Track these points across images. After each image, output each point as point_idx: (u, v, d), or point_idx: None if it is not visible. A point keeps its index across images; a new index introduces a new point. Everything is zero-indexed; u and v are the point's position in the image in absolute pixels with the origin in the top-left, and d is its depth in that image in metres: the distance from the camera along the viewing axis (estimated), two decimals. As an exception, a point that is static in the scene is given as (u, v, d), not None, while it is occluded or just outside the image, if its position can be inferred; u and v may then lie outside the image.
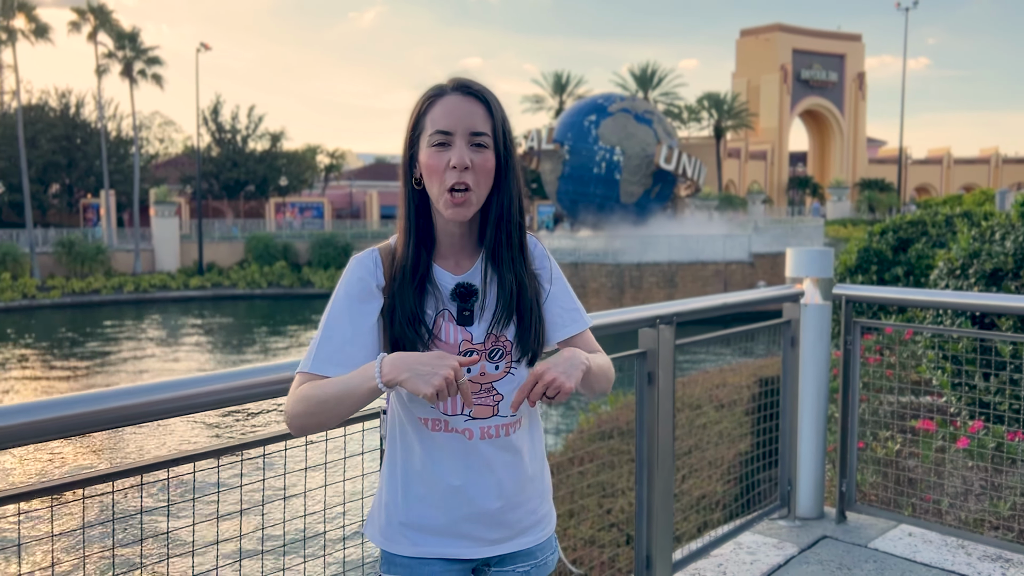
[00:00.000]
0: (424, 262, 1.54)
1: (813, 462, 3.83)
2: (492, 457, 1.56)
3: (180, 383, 1.76)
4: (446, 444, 1.55)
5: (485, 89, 1.55)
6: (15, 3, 39.46)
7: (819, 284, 3.76)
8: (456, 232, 1.56)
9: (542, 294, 1.61)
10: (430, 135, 1.50)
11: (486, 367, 1.55)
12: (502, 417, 1.56)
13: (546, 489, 1.68)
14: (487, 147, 1.52)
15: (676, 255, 28.78)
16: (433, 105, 1.52)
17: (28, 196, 38.96)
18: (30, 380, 20.15)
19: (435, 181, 1.50)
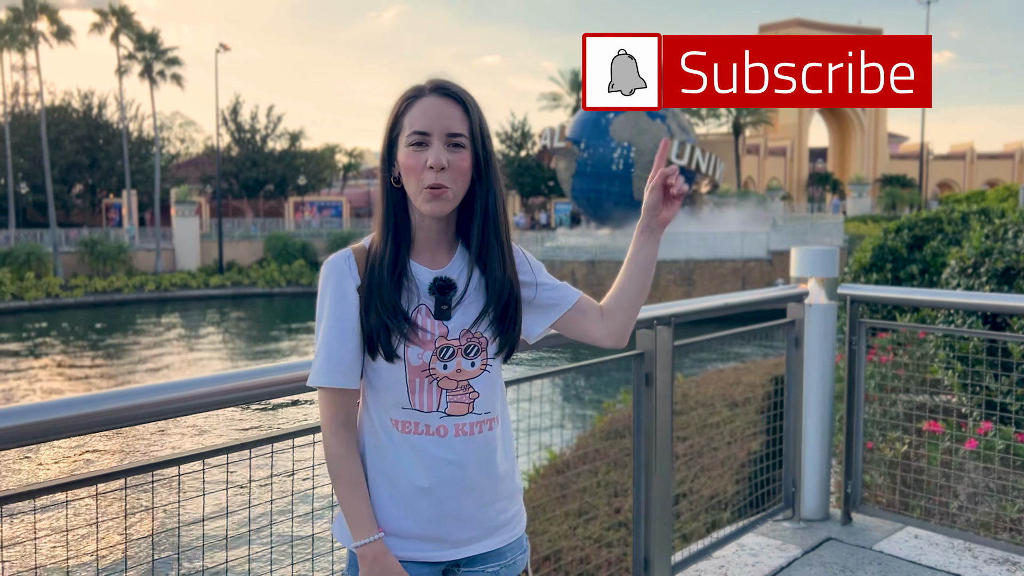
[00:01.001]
0: (403, 257, 1.57)
1: (818, 463, 3.80)
2: (465, 455, 1.57)
3: (181, 384, 1.78)
4: (415, 446, 1.56)
5: (462, 90, 1.58)
6: (37, 5, 39.92)
7: (824, 284, 3.73)
8: (433, 228, 1.59)
9: (529, 290, 1.65)
10: (408, 135, 1.54)
11: (462, 363, 1.56)
12: (477, 415, 1.58)
13: (516, 489, 1.69)
14: (464, 147, 1.55)
15: (694, 252, 28.64)
16: (411, 106, 1.56)
17: (51, 196, 39.41)
18: (53, 378, 20.39)
19: (413, 180, 1.54)
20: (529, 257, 1.69)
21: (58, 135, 44.13)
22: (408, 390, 1.55)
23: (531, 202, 49.97)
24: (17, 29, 40.37)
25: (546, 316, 1.68)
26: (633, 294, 1.69)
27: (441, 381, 1.55)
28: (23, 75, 47.55)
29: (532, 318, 1.68)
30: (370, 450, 1.60)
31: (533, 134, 49.64)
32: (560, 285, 1.70)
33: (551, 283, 1.69)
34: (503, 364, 1.63)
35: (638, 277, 1.68)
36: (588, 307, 1.70)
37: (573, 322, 1.69)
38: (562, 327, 1.70)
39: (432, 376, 1.55)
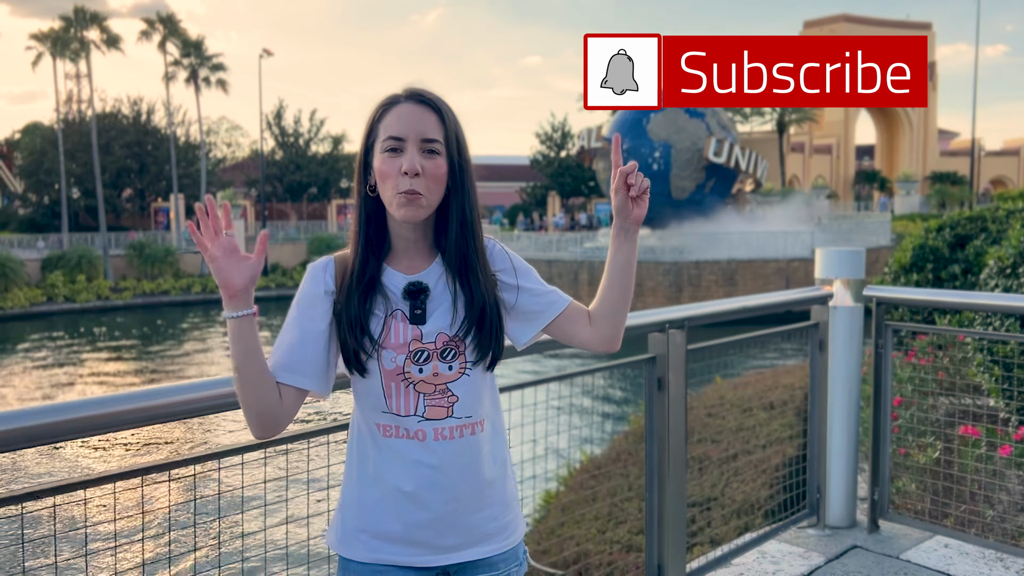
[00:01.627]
0: (372, 266, 1.57)
1: (844, 469, 3.71)
2: (446, 460, 1.55)
3: (167, 391, 1.79)
4: (399, 449, 1.55)
5: (438, 98, 1.58)
6: (88, 15, 40.92)
7: (850, 285, 3.64)
8: (410, 236, 1.59)
9: (511, 294, 1.63)
10: (383, 141, 1.54)
11: (439, 367, 1.55)
12: (457, 419, 1.56)
13: (510, 496, 1.67)
14: (439, 153, 1.54)
15: (736, 252, 28.27)
16: (387, 113, 1.56)
17: (102, 201, 40.37)
18: (102, 376, 20.87)
19: (388, 186, 1.53)
20: (515, 261, 1.67)
21: (108, 141, 45.18)
22: (384, 394, 1.55)
23: (571, 202, 49.83)
24: (69, 38, 41.43)
25: (534, 323, 1.66)
26: (616, 298, 1.66)
27: (417, 385, 1.54)
28: (76, 83, 48.84)
29: (519, 325, 1.66)
30: (359, 454, 1.60)
31: (573, 134, 49.49)
32: (548, 291, 1.67)
33: (538, 288, 1.67)
34: (490, 371, 1.62)
35: (619, 281, 1.66)
36: (577, 313, 1.68)
37: (562, 328, 1.67)
38: (552, 333, 1.69)
39: (408, 380, 1.54)
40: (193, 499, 2.07)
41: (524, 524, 1.70)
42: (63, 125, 44.78)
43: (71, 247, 36.74)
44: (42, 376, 21.07)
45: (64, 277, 34.61)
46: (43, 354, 24.35)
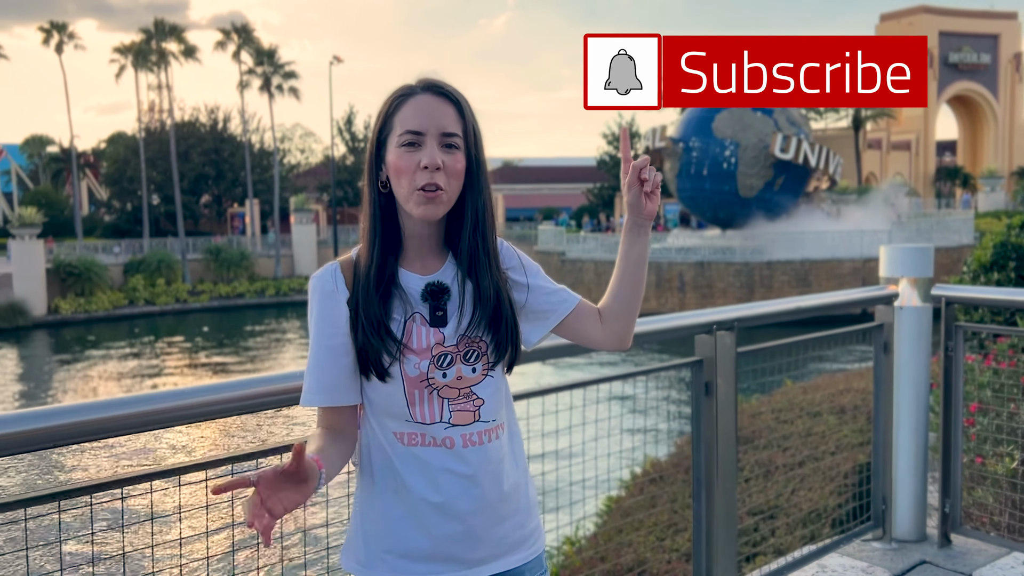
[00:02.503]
0: (391, 266, 1.50)
1: (912, 479, 3.50)
2: (475, 467, 1.48)
3: (183, 392, 1.76)
4: (423, 458, 1.48)
5: (455, 90, 1.51)
6: (167, 27, 42.33)
7: (917, 285, 3.44)
8: (424, 234, 1.52)
9: (520, 292, 1.57)
10: (399, 135, 1.47)
11: (463, 370, 1.48)
12: (484, 423, 1.49)
13: (532, 503, 1.59)
14: (458, 148, 1.48)
15: (810, 252, 27.53)
16: (402, 105, 1.49)
17: (180, 207, 41.68)
18: (182, 375, 21.51)
19: (404, 181, 1.46)
20: (523, 259, 1.61)
21: (187, 149, 46.62)
22: (408, 403, 1.47)
23: (639, 203, 49.19)
24: (149, 50, 42.93)
25: (544, 323, 1.59)
26: (628, 294, 1.58)
27: (442, 390, 1.47)
28: (158, 93, 50.58)
29: (529, 325, 1.59)
30: (378, 468, 1.52)
31: (641, 134, 48.99)
32: (558, 290, 1.60)
33: (548, 287, 1.60)
34: (507, 373, 1.56)
35: (630, 277, 1.58)
36: (587, 311, 1.61)
37: (573, 328, 1.60)
38: (562, 332, 1.62)
39: (431, 386, 1.47)
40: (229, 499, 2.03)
41: (544, 531, 1.61)
42: (144, 134, 46.38)
43: (150, 252, 38.01)
44: (126, 377, 21.82)
45: (144, 281, 35.81)
46: (126, 356, 25.23)
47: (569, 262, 30.34)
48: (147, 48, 42.89)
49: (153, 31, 42.72)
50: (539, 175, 61.16)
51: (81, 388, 20.45)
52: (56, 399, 19.59)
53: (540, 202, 55.08)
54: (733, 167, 30.12)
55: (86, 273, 33.41)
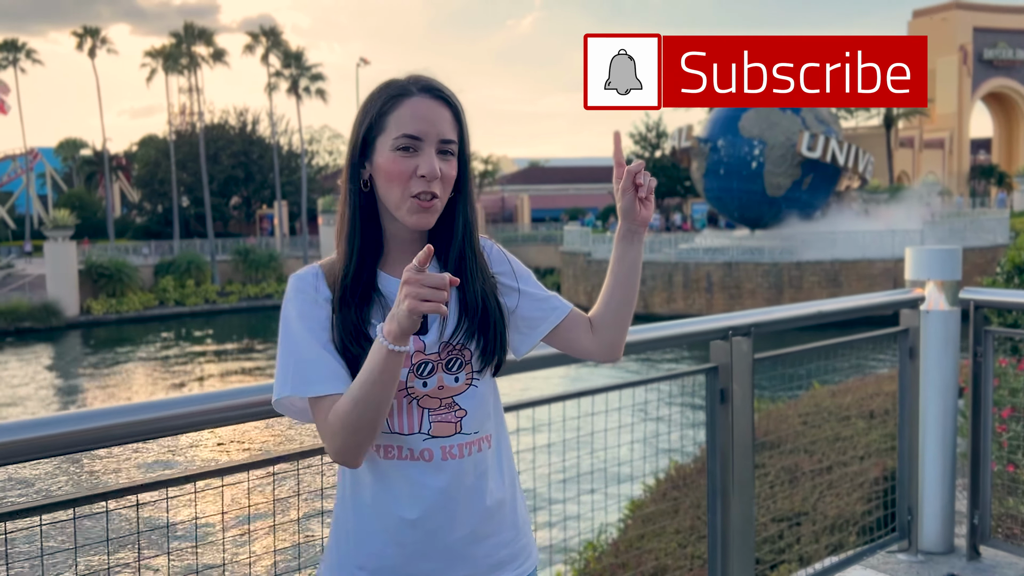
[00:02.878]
0: (368, 270, 1.43)
1: (940, 489, 3.39)
2: (454, 482, 1.41)
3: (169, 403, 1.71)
4: (399, 472, 1.41)
5: (452, 93, 1.45)
6: (196, 31, 42.80)
7: (944, 288, 3.32)
8: (408, 238, 1.45)
9: (511, 298, 1.51)
10: (395, 138, 1.39)
11: (444, 379, 1.41)
12: (465, 435, 1.42)
13: (521, 519, 1.51)
14: (453, 155, 1.42)
15: (840, 252, 27.16)
16: (398, 105, 1.41)
17: (209, 208, 42.10)
18: (210, 375, 21.70)
19: (396, 188, 1.39)
20: (514, 263, 1.54)
21: (216, 151, 47.09)
22: None
23: (666, 203, 49.01)
24: (179, 53, 43.44)
25: (535, 330, 1.52)
26: (619, 304, 1.52)
27: (421, 400, 1.40)
28: (188, 96, 51.18)
29: (519, 334, 1.52)
30: (351, 479, 1.46)
31: (669, 133, 48.69)
32: (549, 297, 1.54)
33: (539, 294, 1.53)
34: (493, 377, 1.49)
35: (622, 285, 1.52)
36: (579, 320, 1.54)
37: (564, 337, 1.54)
38: (553, 342, 1.55)
39: (410, 395, 1.40)
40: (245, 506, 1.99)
41: (536, 548, 1.54)
42: (175, 137, 46.91)
43: (180, 253, 38.44)
44: (156, 376, 22.05)
45: (174, 282, 36.21)
46: (156, 355, 25.51)
47: (595, 262, 30.18)
48: (177, 52, 43.41)
49: (183, 35, 43.21)
50: (565, 175, 61.02)
51: (112, 388, 20.70)
52: (88, 399, 19.85)
53: (566, 202, 54.96)
54: (760, 166, 29.74)
55: (117, 274, 33.84)
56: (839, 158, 29.15)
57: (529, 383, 10.89)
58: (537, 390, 2.56)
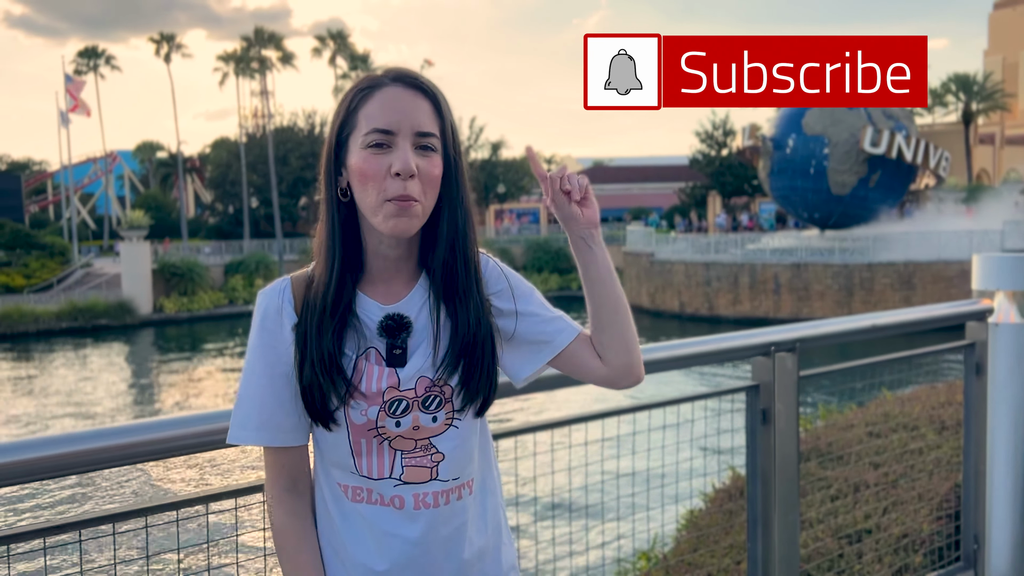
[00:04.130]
0: (349, 291, 1.27)
1: (1009, 515, 3.13)
2: (426, 533, 1.27)
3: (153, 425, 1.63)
4: (369, 519, 1.27)
5: (430, 82, 1.28)
6: (266, 35, 43.74)
7: (1015, 298, 3.07)
8: (391, 254, 1.29)
9: (507, 321, 1.33)
10: (365, 134, 1.24)
11: (420, 419, 1.26)
12: (442, 482, 1.27)
13: (504, 568, 1.36)
14: (434, 150, 1.25)
15: (914, 254, 26.21)
16: (367, 99, 1.25)
17: (277, 209, 42.95)
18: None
19: (371, 190, 1.23)
20: (513, 281, 1.36)
21: (285, 153, 48.04)
22: (352, 452, 1.27)
23: (733, 202, 48.12)
24: (250, 57, 44.46)
25: (538, 355, 1.35)
26: (609, 317, 1.33)
27: (393, 441, 1.26)
28: (260, 99, 52.34)
29: (520, 357, 1.35)
30: (320, 519, 1.33)
31: (736, 131, 47.81)
32: (555, 317, 1.36)
33: (543, 314, 1.35)
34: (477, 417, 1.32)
35: (602, 295, 1.33)
36: (584, 344, 1.36)
37: (573, 361, 1.36)
38: (561, 366, 1.37)
39: (381, 436, 1.26)
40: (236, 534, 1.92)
41: None
42: (246, 139, 48.01)
43: (249, 253, 39.28)
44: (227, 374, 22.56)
45: (243, 281, 37.02)
46: (226, 354, 26.09)
47: (658, 263, 29.75)
48: (247, 56, 44.43)
49: (253, 39, 44.22)
50: (629, 175, 60.47)
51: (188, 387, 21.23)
52: (161, 396, 20.40)
53: (630, 202, 54.46)
54: (824, 164, 28.83)
55: (189, 273, 34.78)
56: (906, 154, 27.99)
57: (571, 396, 10.73)
58: (579, 404, 2.44)
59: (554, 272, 38.97)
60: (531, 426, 2.11)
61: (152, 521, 1.63)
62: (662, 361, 2.22)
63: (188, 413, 1.58)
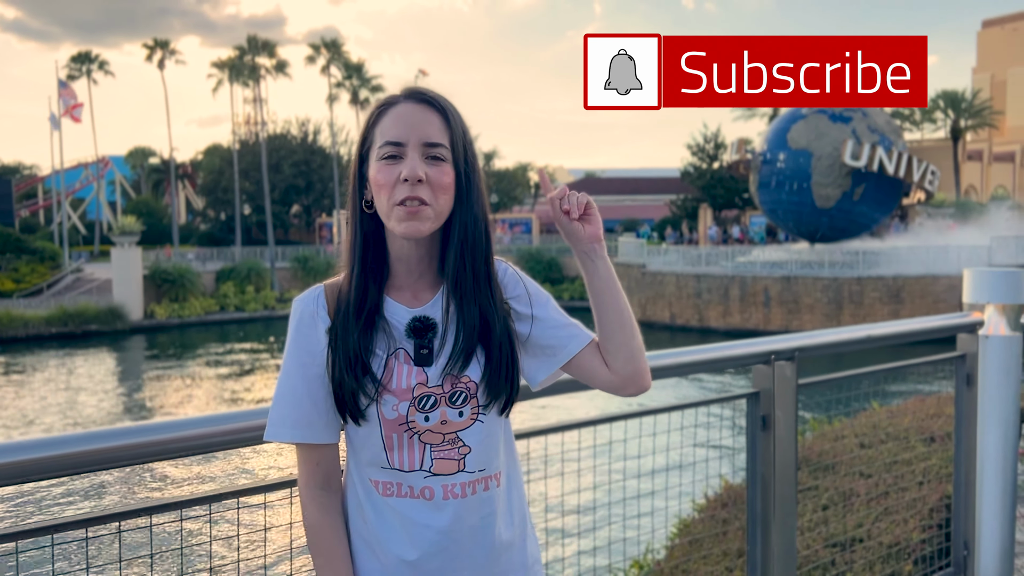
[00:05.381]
0: (373, 295, 1.37)
1: (999, 523, 3.22)
2: (456, 523, 1.35)
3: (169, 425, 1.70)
4: (401, 511, 1.36)
5: (442, 97, 1.39)
6: (259, 43, 43.81)
7: (1005, 312, 3.17)
8: (413, 258, 1.39)
9: (524, 324, 1.42)
10: (379, 147, 1.36)
11: (447, 413, 1.35)
12: (469, 473, 1.36)
13: (529, 560, 1.45)
14: (444, 160, 1.35)
15: (903, 268, 26.49)
16: (383, 115, 1.38)
17: (270, 217, 42.95)
18: (269, 380, 22.06)
19: (384, 196, 1.34)
20: (530, 287, 1.45)
21: (278, 160, 48.06)
22: (385, 447, 1.35)
23: (724, 215, 48.40)
24: (243, 65, 44.51)
25: (551, 360, 1.43)
26: (615, 327, 1.41)
27: (423, 435, 1.35)
28: (253, 106, 52.36)
29: (535, 361, 1.45)
30: (352, 515, 1.42)
31: (728, 144, 48.13)
32: (568, 324, 1.45)
33: (557, 320, 1.44)
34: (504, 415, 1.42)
35: (607, 309, 1.41)
36: (593, 353, 1.45)
37: (583, 368, 1.44)
38: (573, 372, 1.46)
39: (412, 430, 1.35)
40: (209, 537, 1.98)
41: None
42: (239, 146, 48.02)
43: (241, 260, 39.25)
44: (218, 381, 22.52)
45: (235, 288, 36.99)
46: (217, 360, 26.05)
47: (650, 274, 29.92)
48: (241, 63, 44.48)
49: (247, 47, 44.29)
50: (620, 186, 60.75)
51: (177, 394, 21.19)
52: (150, 403, 20.35)
53: (621, 213, 54.69)
54: (808, 177, 29.07)
55: (180, 280, 34.72)
56: (888, 167, 28.18)
57: (564, 402, 10.80)
58: (582, 410, 2.51)
59: (546, 281, 39.09)
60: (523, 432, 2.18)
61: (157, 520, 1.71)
62: (667, 368, 2.31)
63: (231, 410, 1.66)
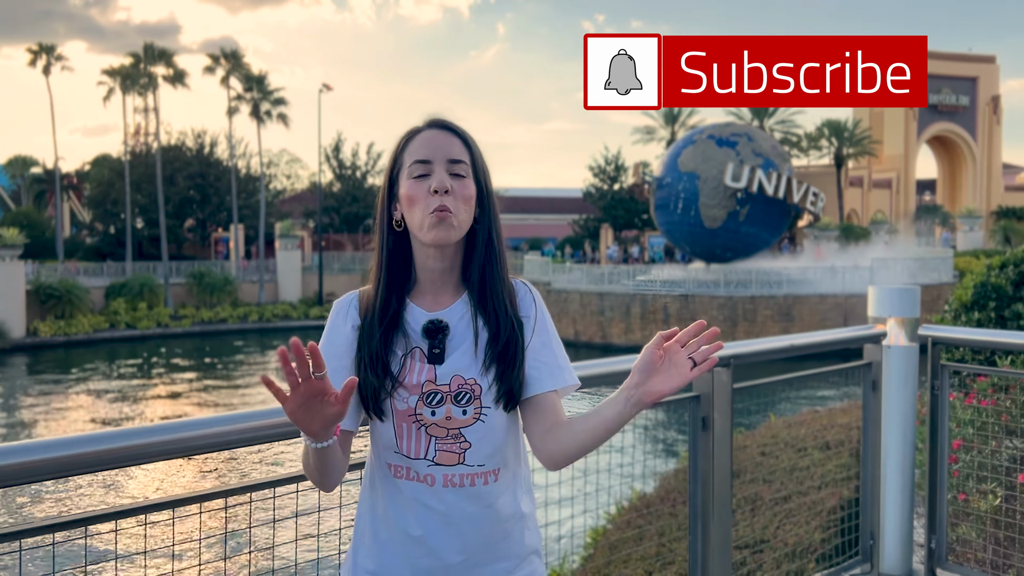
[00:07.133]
0: (395, 301, 1.54)
1: (899, 515, 3.58)
2: (454, 508, 1.51)
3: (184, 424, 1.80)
4: (409, 491, 1.52)
5: (460, 127, 1.58)
6: (156, 51, 42.48)
7: (904, 324, 3.54)
8: (437, 268, 1.55)
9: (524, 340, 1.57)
10: (409, 167, 1.53)
11: (452, 411, 1.50)
12: (468, 466, 1.51)
13: (527, 550, 1.59)
14: (466, 175, 1.53)
15: (793, 288, 27.86)
16: (411, 142, 1.55)
17: (164, 231, 41.53)
18: (160, 400, 21.31)
19: (417, 210, 1.51)
20: (540, 313, 1.58)
21: (172, 173, 46.52)
22: (396, 435, 1.51)
23: (624, 235, 49.69)
24: (138, 74, 43.03)
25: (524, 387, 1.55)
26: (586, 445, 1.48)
27: (429, 428, 1.50)
28: (144, 117, 50.58)
29: None
30: (371, 494, 1.58)
31: (628, 167, 49.49)
32: (555, 365, 1.55)
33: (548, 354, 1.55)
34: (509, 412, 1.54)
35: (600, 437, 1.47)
36: (551, 409, 1.53)
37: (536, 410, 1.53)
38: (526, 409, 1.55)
39: (419, 422, 1.50)
40: (225, 531, 2.07)
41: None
42: (130, 157, 46.28)
43: (133, 275, 37.78)
44: (102, 402, 21.59)
45: (126, 304, 35.53)
46: (104, 380, 24.98)
47: (555, 292, 30.48)
48: (136, 72, 42.99)
49: (142, 55, 42.86)
50: (525, 205, 61.51)
51: (58, 415, 20.23)
52: (32, 425, 19.36)
53: (526, 232, 55.38)
54: (696, 198, 30.47)
55: (67, 296, 33.13)
56: (767, 188, 29.84)
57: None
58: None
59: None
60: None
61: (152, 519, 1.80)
62: (607, 375, 2.49)
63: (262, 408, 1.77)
